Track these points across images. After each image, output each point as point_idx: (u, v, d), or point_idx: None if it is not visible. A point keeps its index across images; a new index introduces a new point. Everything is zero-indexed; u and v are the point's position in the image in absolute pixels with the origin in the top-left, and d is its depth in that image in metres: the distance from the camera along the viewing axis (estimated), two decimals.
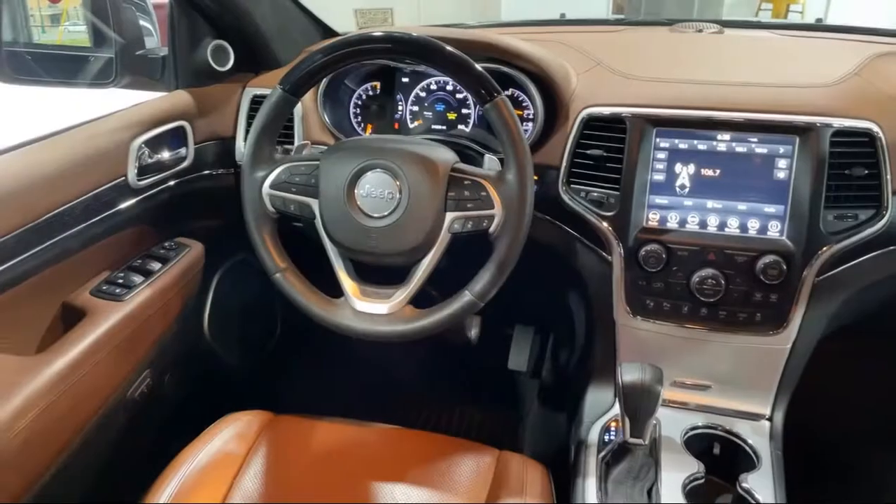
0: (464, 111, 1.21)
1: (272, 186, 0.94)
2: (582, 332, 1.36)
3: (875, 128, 0.95)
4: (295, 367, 1.75)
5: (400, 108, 1.24)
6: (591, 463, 1.01)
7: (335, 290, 0.95)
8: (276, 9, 1.31)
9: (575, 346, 1.48)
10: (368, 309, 0.92)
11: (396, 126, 1.24)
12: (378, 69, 1.23)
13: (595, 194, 1.04)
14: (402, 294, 0.92)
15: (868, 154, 0.95)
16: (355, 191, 0.90)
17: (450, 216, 0.89)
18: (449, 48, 0.85)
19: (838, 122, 0.95)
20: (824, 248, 0.96)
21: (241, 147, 1.26)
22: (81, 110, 1.10)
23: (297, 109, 1.19)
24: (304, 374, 1.74)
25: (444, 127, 1.22)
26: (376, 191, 0.89)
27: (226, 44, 1.28)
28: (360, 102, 1.25)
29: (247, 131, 1.25)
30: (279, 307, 1.70)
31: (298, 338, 1.73)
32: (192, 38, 1.24)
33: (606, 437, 1.06)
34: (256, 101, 1.25)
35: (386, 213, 0.89)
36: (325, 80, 1.17)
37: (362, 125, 1.26)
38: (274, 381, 1.70)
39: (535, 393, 1.71)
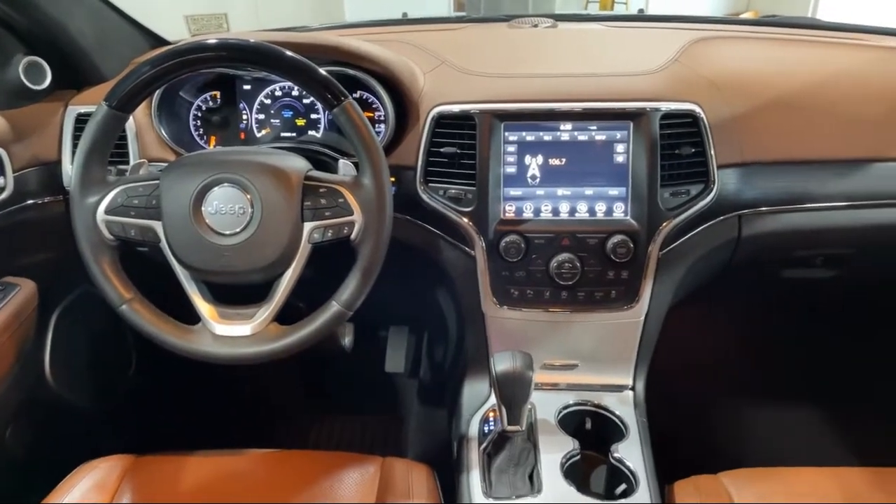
0: (313, 116, 1.18)
1: (108, 212, 0.86)
2: (453, 327, 1.38)
3: (697, 109, 1.03)
4: (157, 403, 1.63)
5: (244, 117, 1.18)
6: (473, 456, 1.03)
7: (194, 316, 0.89)
8: (95, 18, 1.20)
9: (448, 342, 1.50)
10: (229, 332, 0.87)
11: (243, 136, 1.19)
12: (216, 77, 1.17)
13: (453, 191, 1.05)
14: (265, 312, 0.87)
15: (693, 134, 1.03)
16: (202, 208, 0.85)
17: (308, 226, 0.86)
18: (289, 53, 0.82)
19: (665, 106, 1.02)
20: (664, 224, 1.03)
21: (69, 171, 1.15)
22: None
23: (130, 126, 1.11)
24: (167, 408, 1.63)
25: (294, 133, 1.18)
26: (225, 207, 0.85)
27: (40, 59, 1.16)
28: (199, 114, 1.18)
29: (73, 154, 1.14)
30: (132, 340, 1.57)
31: (157, 371, 1.61)
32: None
33: (486, 429, 1.08)
34: (81, 120, 1.15)
35: (238, 230, 0.85)
36: (157, 92, 1.09)
37: (205, 138, 1.19)
38: (135, 421, 1.57)
39: (415, 393, 1.71)
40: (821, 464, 1.01)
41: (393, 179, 0.98)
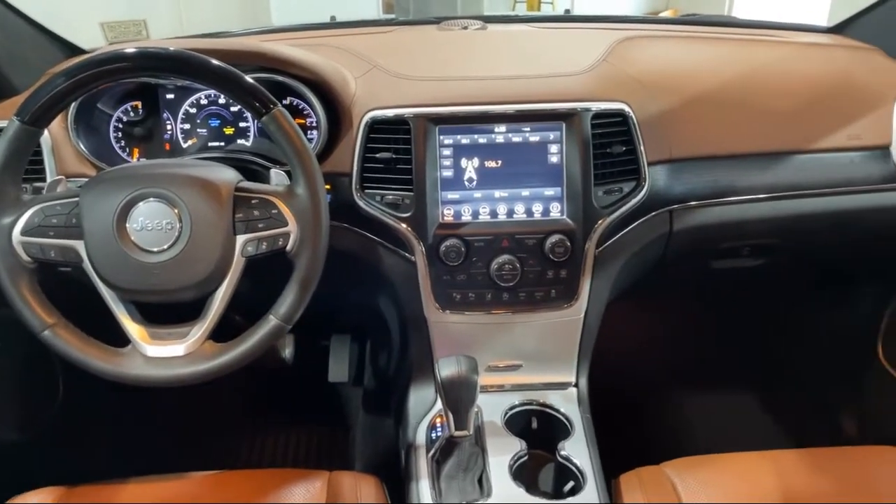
0: (241, 124, 1.15)
1: (24, 233, 0.81)
2: (396, 333, 1.36)
3: (626, 108, 1.05)
4: (89, 430, 1.55)
5: (169, 127, 1.14)
6: (422, 464, 1.02)
7: (124, 338, 0.85)
8: (3, 27, 1.13)
9: (392, 349, 1.48)
10: (162, 353, 0.84)
11: (168, 148, 1.14)
12: (137, 87, 1.12)
13: (390, 197, 1.04)
14: (200, 330, 0.84)
15: (623, 132, 1.05)
16: (127, 225, 0.81)
17: (241, 239, 0.83)
18: (214, 61, 0.79)
19: (595, 106, 1.04)
20: (599, 222, 1.04)
21: None
22: None
23: (45, 140, 1.04)
24: (100, 435, 1.55)
25: (222, 143, 1.14)
26: (152, 223, 0.81)
27: None
28: (120, 126, 1.13)
29: None
30: (58, 367, 1.49)
31: (87, 397, 1.54)
32: None
33: (433, 435, 1.07)
34: None
35: (167, 246, 0.81)
36: (73, 104, 1.04)
37: (127, 151, 1.13)
38: (65, 451, 1.49)
39: (360, 402, 1.69)
40: (757, 448, 1.05)
41: (328, 187, 0.96)
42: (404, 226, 1.04)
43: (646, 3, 8.31)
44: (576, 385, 1.17)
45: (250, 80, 0.81)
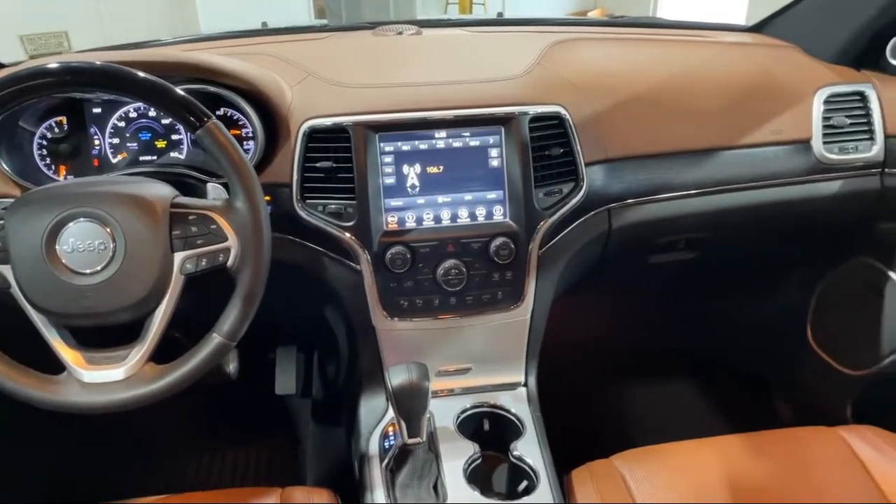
0: (174, 137, 1.11)
1: None
2: (344, 343, 1.35)
3: (562, 111, 1.07)
4: (21, 461, 1.47)
5: (97, 143, 1.09)
6: (376, 474, 1.01)
7: (58, 365, 0.81)
8: None
9: (340, 359, 1.47)
10: (100, 378, 0.80)
11: (96, 164, 1.09)
12: (60, 102, 1.07)
13: (332, 206, 1.03)
14: (139, 353, 0.81)
15: (561, 135, 1.07)
16: (56, 247, 0.78)
17: (179, 257, 0.81)
18: (141, 74, 0.77)
19: (532, 109, 1.05)
20: (541, 223, 1.06)
21: None
22: None
23: None
24: (35, 466, 1.48)
25: (154, 157, 1.11)
26: (83, 244, 0.78)
27: None
28: (44, 143, 1.08)
29: None
30: None
31: (22, 426, 1.46)
32: None
33: (386, 444, 1.07)
34: None
35: (100, 268, 0.78)
36: None
37: (53, 169, 1.08)
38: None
39: (309, 414, 1.66)
40: (700, 433, 1.09)
41: (267, 198, 0.94)
42: (348, 235, 1.03)
43: (574, 3, 8.50)
44: (525, 384, 1.18)
45: (181, 93, 0.79)
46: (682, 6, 7.30)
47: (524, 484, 1.01)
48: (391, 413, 1.08)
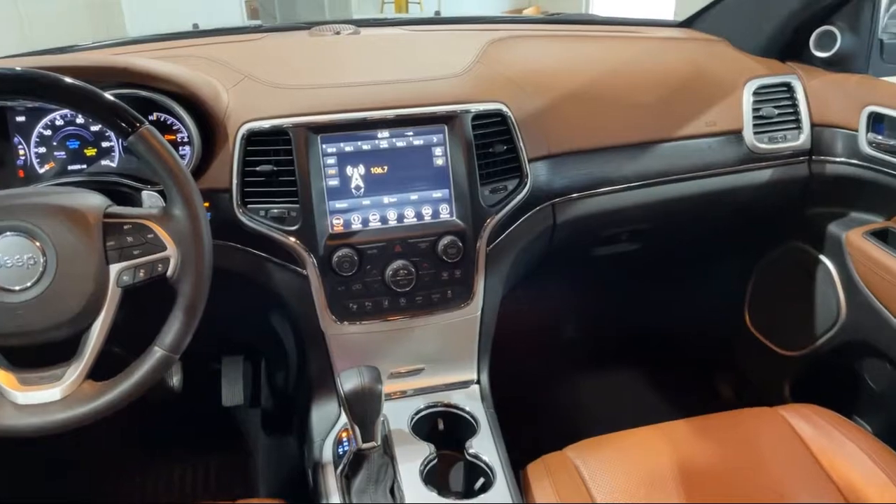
0: (104, 144, 1.06)
1: None
2: (293, 349, 1.32)
3: (504, 108, 1.07)
4: None
5: (21, 152, 1.03)
6: (331, 482, 0.99)
7: None
8: None
9: (289, 366, 1.44)
10: (35, 399, 0.76)
11: (22, 175, 1.03)
12: None
13: (275, 211, 1.00)
14: (76, 370, 0.77)
15: (504, 132, 1.07)
16: None
17: (115, 269, 0.78)
18: (67, 80, 0.73)
19: (474, 107, 1.06)
20: (488, 220, 1.06)
21: None
22: None
23: None
24: None
25: (84, 166, 1.06)
26: (11, 259, 0.74)
27: None
28: None
29: None
30: None
31: None
32: None
33: (340, 450, 1.05)
34: None
35: (30, 284, 0.74)
36: None
37: None
38: None
39: (259, 424, 1.63)
40: (649, 420, 1.11)
41: (206, 205, 0.91)
42: (292, 239, 1.00)
43: (509, 1, 8.59)
44: (478, 382, 1.19)
45: (111, 98, 0.76)
46: (613, 3, 7.48)
47: (481, 481, 1.01)
48: (344, 419, 1.07)
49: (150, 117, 1.02)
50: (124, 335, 0.81)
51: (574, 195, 1.19)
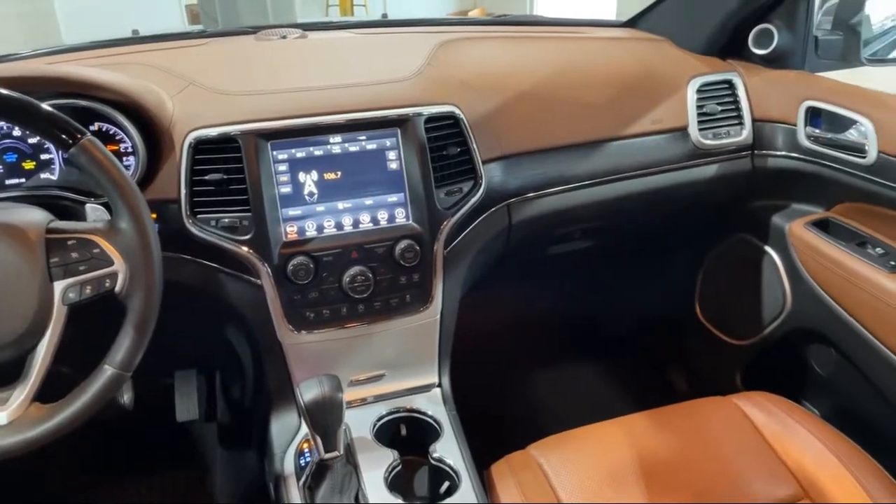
0: (43, 156, 1.02)
1: None
2: (249, 361, 1.30)
3: (456, 110, 1.07)
4: None
5: None
6: (294, 494, 0.98)
7: None
8: None
9: (245, 378, 1.41)
10: None
11: None
12: None
13: (226, 220, 0.98)
14: (22, 393, 0.74)
15: (457, 134, 1.07)
16: None
17: (60, 286, 0.75)
18: (1, 91, 0.70)
19: (427, 110, 1.05)
20: (444, 223, 1.06)
21: None
22: None
23: None
24: None
25: (23, 179, 1.01)
26: None
27: None
28: None
29: None
30: None
31: None
32: None
33: (302, 462, 1.03)
34: None
35: None
36: None
37: None
38: None
39: (216, 439, 1.59)
40: (608, 413, 1.13)
41: (154, 216, 0.88)
42: (245, 249, 0.98)
43: (455, 2, 8.63)
44: (439, 385, 1.18)
45: (49, 109, 0.73)
46: (557, 4, 7.60)
47: (446, 485, 1.01)
48: (305, 429, 1.05)
49: (92, 127, 0.98)
50: (72, 354, 0.78)
51: (529, 195, 1.20)
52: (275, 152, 0.99)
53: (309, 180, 1.00)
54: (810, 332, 1.36)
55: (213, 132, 0.97)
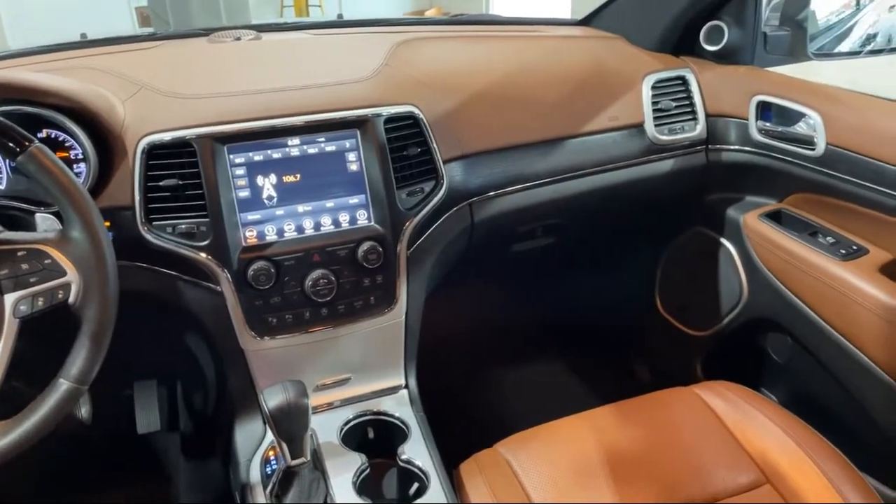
0: None
1: None
2: (211, 370, 1.27)
3: (415, 110, 1.07)
4: None
5: None
6: (260, 503, 0.96)
7: None
8: None
9: (208, 387, 1.38)
10: None
11: None
12: None
13: (183, 226, 0.96)
14: None
15: (417, 134, 1.07)
16: None
17: (10, 299, 0.72)
18: None
19: (386, 111, 1.05)
20: (407, 224, 1.06)
21: None
22: None
23: None
24: None
25: None
26: None
27: None
28: None
29: None
30: None
31: None
32: None
33: (268, 469, 1.02)
34: None
35: None
36: None
37: None
38: None
39: (179, 449, 1.55)
40: (574, 408, 1.14)
41: (107, 224, 0.86)
42: (203, 255, 0.96)
43: (411, 2, 8.61)
44: (406, 386, 1.18)
45: None
46: (513, 3, 7.66)
47: (415, 486, 1.01)
48: (270, 436, 1.04)
49: (40, 134, 0.95)
50: (26, 369, 0.76)
51: (490, 194, 1.20)
52: (231, 156, 0.97)
53: (268, 184, 0.99)
54: (766, 321, 1.39)
55: (167, 137, 0.95)
